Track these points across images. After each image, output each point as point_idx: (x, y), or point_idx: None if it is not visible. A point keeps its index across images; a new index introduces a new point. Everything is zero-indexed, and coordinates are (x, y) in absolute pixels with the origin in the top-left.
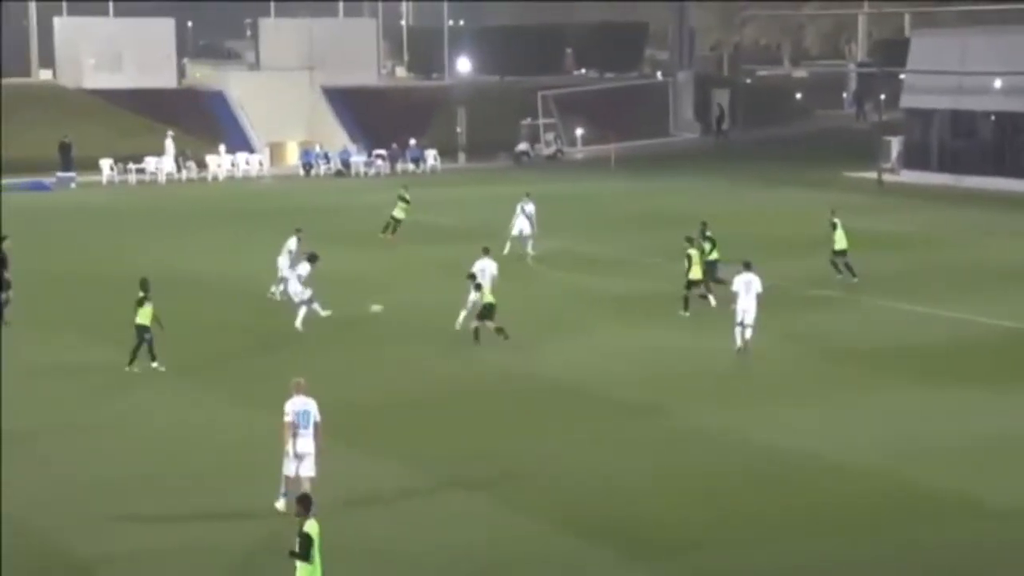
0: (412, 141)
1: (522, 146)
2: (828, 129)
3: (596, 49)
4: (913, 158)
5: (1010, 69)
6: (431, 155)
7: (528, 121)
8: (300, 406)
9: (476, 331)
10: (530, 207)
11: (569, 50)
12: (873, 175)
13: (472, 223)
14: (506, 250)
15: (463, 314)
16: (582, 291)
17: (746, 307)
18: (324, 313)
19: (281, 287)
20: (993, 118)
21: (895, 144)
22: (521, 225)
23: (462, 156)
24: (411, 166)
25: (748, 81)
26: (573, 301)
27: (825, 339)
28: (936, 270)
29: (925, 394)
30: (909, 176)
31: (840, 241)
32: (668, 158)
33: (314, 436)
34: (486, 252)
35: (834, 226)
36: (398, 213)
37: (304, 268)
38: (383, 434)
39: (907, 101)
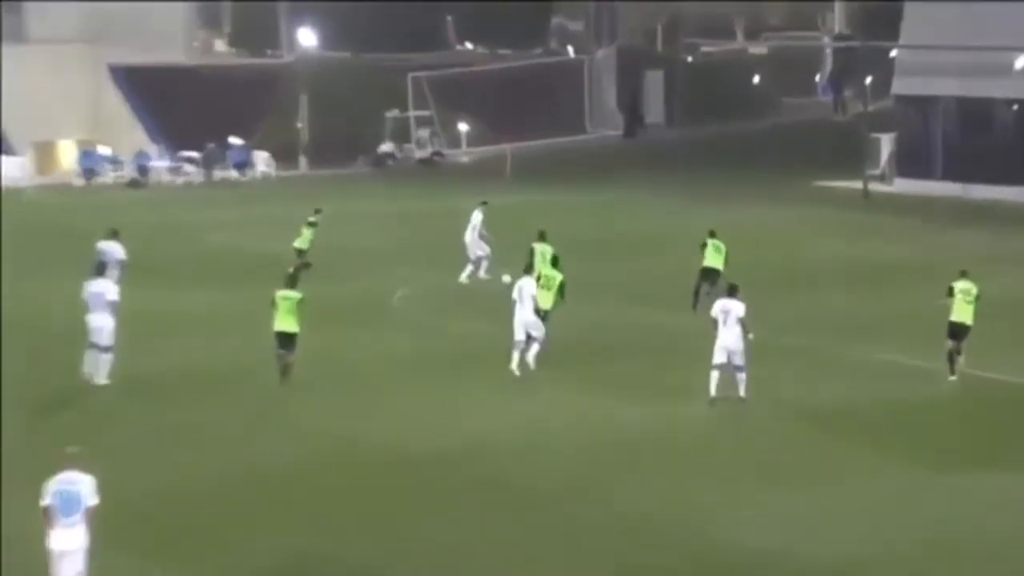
0: (235, 140)
1: (386, 146)
2: (796, 123)
3: (486, 17)
4: (909, 162)
5: None
6: (262, 159)
7: (394, 113)
8: (65, 485)
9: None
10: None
11: (449, 18)
12: (857, 184)
13: (317, 251)
14: (464, 276)
15: (516, 356)
16: (479, 338)
17: (729, 344)
18: None
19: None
20: (1016, 107)
21: (885, 143)
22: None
23: (304, 160)
24: (234, 173)
25: (690, 60)
26: (465, 351)
27: (802, 400)
28: (938, 311)
29: (925, 474)
30: (904, 185)
31: (712, 258)
32: (583, 163)
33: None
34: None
35: (703, 245)
36: (301, 243)
37: None
38: (169, 534)
39: (900, 86)
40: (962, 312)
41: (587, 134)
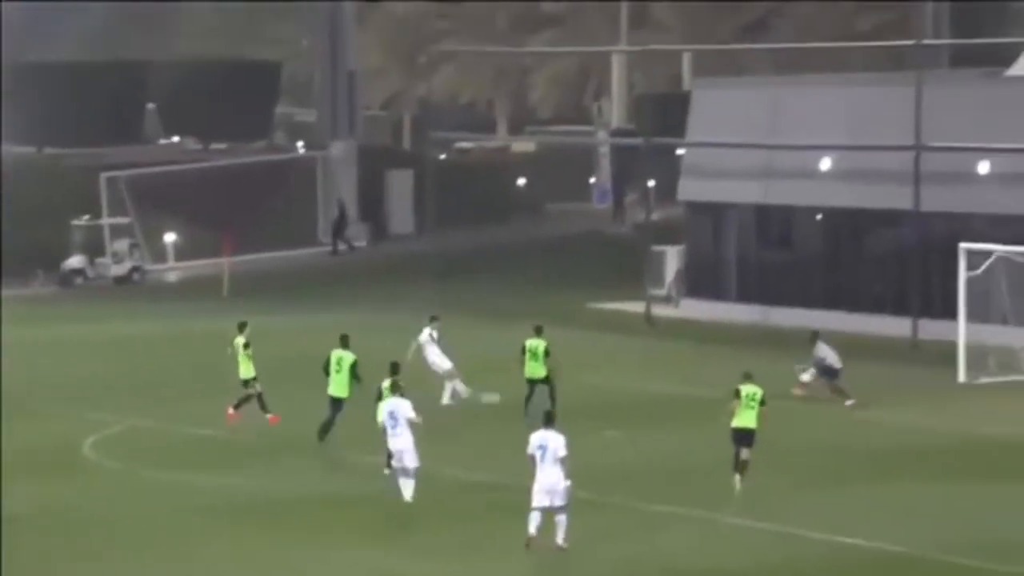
0: None
1: (75, 261)
2: (568, 235)
3: (196, 104)
4: (700, 281)
5: (848, 140)
6: None
7: (85, 220)
8: None
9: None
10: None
11: (151, 105)
12: (639, 307)
13: None
14: (447, 398)
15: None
16: (193, 492)
17: (549, 483)
18: None
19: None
20: (820, 217)
21: (671, 258)
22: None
23: None
24: None
25: (442, 157)
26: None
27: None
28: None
29: None
30: (694, 308)
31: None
32: (316, 278)
33: None
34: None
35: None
36: (246, 370)
37: None
38: None
39: (688, 191)
40: (746, 417)
41: (322, 245)
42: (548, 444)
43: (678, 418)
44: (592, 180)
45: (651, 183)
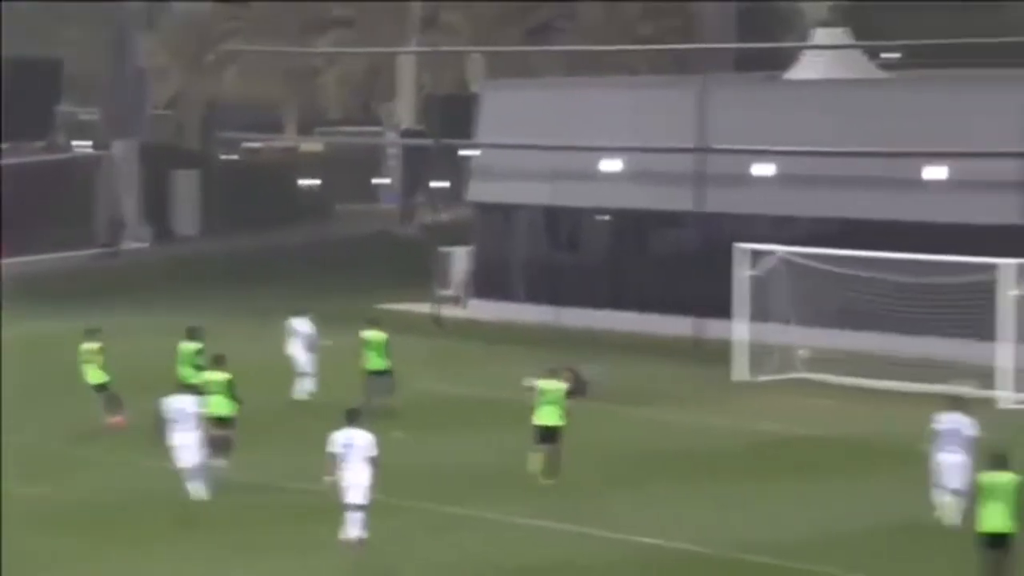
0: None
1: None
2: (357, 236)
3: None
4: (488, 282)
5: (634, 142)
6: None
7: None
8: None
9: None
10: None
11: None
12: (428, 308)
13: None
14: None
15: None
16: None
17: (358, 480)
18: None
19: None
20: (608, 218)
21: (459, 260)
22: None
23: None
24: None
25: (230, 157)
26: None
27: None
28: (506, 455)
29: None
30: (482, 309)
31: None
32: (98, 281)
33: None
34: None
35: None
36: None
37: None
38: None
39: (477, 192)
40: (548, 414)
41: (102, 247)
42: (355, 442)
43: (466, 419)
44: (381, 181)
45: (440, 184)
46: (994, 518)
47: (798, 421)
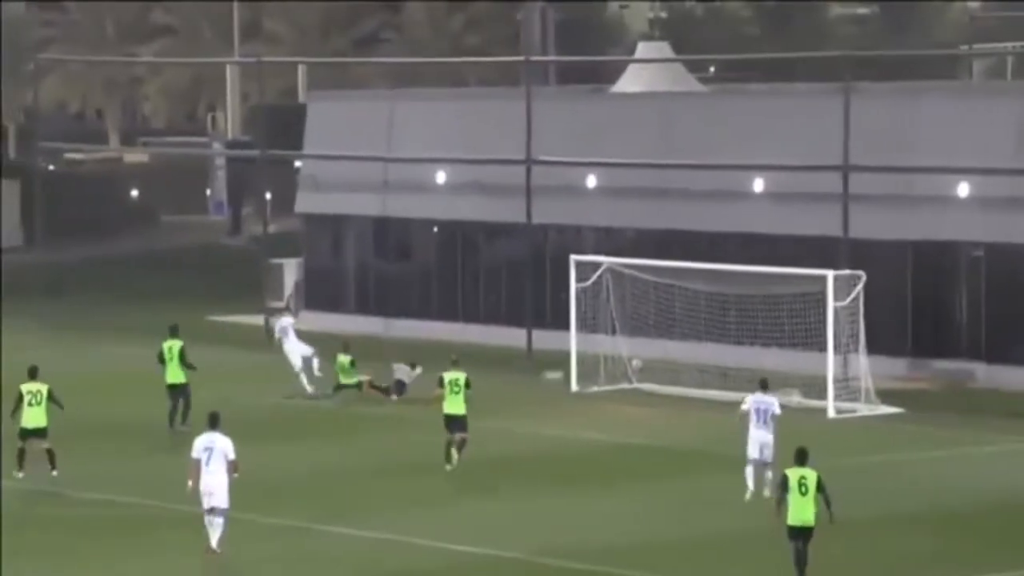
0: None
1: None
2: (185, 247)
3: None
4: (319, 292)
5: (463, 154)
6: None
7: None
8: None
9: None
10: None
11: None
12: (259, 320)
13: None
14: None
15: None
16: None
17: (217, 485)
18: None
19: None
20: (436, 229)
21: (289, 271)
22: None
23: None
24: None
25: (51, 168)
26: None
27: None
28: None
29: None
30: (314, 320)
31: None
32: None
33: None
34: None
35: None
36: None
37: None
38: None
39: (305, 203)
40: (454, 403)
41: None
42: (215, 445)
43: (296, 430)
44: (208, 192)
45: (268, 195)
46: (802, 511)
47: (625, 430)
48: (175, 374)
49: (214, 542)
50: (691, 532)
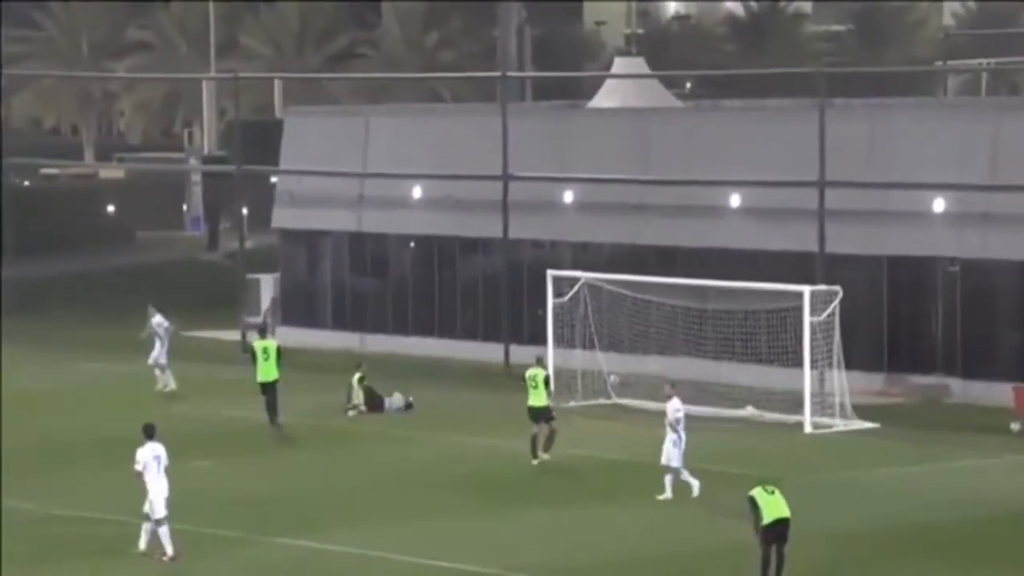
0: None
1: None
2: (161, 263)
3: None
4: (295, 308)
5: (439, 170)
6: None
7: None
8: None
9: None
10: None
11: None
12: (235, 335)
13: None
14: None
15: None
16: None
17: (164, 493)
18: None
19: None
20: (412, 244)
21: (266, 286)
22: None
23: None
24: None
25: (25, 184)
26: None
27: None
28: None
29: None
30: (292, 335)
31: None
32: None
33: None
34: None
35: None
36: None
37: None
38: None
39: (281, 219)
40: (535, 397)
41: None
42: (161, 455)
43: (271, 446)
44: (184, 207)
45: (244, 211)
46: (775, 508)
47: (604, 446)
48: (270, 372)
49: (168, 548)
50: (669, 548)
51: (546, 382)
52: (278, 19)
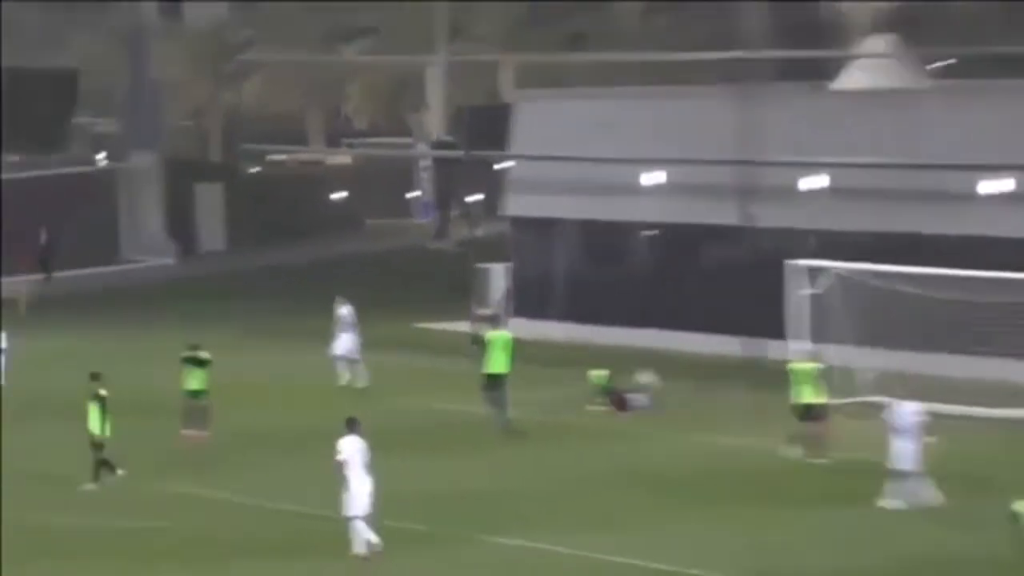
0: None
1: None
2: (389, 251)
3: None
4: (527, 299)
5: (677, 154)
6: None
7: None
8: None
9: None
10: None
11: None
12: (466, 327)
13: None
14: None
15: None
16: None
17: (366, 489)
18: None
19: None
20: (649, 232)
21: (497, 276)
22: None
23: None
24: None
25: (256, 170)
26: None
27: None
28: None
29: None
30: (522, 327)
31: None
32: (121, 299)
33: None
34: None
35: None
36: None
37: None
38: None
39: (513, 206)
40: (807, 393)
41: (123, 264)
42: (363, 449)
43: (495, 441)
44: (413, 194)
45: (474, 198)
46: None
47: (864, 447)
48: (499, 364)
49: (361, 548)
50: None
51: (814, 377)
52: (507, 3)
